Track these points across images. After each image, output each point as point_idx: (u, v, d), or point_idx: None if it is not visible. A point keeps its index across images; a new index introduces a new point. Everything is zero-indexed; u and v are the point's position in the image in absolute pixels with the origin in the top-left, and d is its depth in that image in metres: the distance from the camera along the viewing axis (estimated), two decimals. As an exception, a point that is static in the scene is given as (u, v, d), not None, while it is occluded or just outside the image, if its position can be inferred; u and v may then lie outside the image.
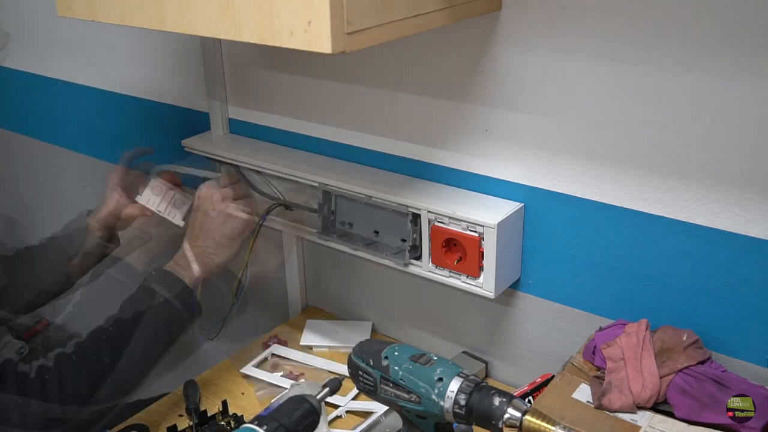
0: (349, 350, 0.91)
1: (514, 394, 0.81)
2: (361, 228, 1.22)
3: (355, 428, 1.09)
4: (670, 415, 0.90)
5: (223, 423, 1.14)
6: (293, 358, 1.31)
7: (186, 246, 1.11)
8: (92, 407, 0.98)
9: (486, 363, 1.22)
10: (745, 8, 0.83)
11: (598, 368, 0.98)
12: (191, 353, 1.32)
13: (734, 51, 0.85)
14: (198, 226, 1.12)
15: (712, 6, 0.85)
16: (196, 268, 1.08)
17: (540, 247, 1.10)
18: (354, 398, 1.18)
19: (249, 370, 1.27)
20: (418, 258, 1.13)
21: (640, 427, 0.89)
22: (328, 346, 1.33)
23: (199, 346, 1.31)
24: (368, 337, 1.35)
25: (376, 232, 1.20)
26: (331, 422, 1.14)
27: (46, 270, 1.25)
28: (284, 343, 1.35)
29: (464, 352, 1.24)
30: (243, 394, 1.23)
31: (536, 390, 1.07)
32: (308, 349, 1.33)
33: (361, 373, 0.88)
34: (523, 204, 1.08)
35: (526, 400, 1.05)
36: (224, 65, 1.39)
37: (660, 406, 0.92)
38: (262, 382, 1.25)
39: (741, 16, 0.83)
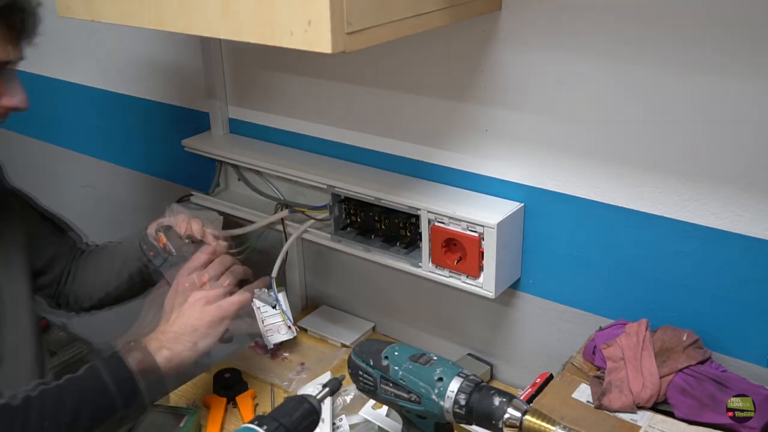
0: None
1: (521, 398, 0.80)
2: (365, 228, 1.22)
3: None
4: (670, 415, 0.90)
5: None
6: None
7: (159, 329, 0.98)
8: None
9: (491, 366, 1.22)
10: (745, 9, 0.83)
11: (598, 368, 0.98)
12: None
13: (734, 51, 0.85)
14: (173, 314, 1.00)
15: (712, 6, 0.85)
16: (160, 356, 0.95)
17: (540, 247, 1.10)
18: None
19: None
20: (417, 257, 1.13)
21: (640, 427, 0.89)
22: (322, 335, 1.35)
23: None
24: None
25: (380, 234, 1.20)
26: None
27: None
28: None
29: (469, 354, 1.24)
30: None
31: (539, 391, 1.07)
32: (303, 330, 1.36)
33: (361, 373, 0.88)
34: (523, 204, 1.08)
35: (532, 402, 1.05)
36: (224, 65, 1.39)
37: (660, 406, 0.92)
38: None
39: (741, 17, 0.83)
